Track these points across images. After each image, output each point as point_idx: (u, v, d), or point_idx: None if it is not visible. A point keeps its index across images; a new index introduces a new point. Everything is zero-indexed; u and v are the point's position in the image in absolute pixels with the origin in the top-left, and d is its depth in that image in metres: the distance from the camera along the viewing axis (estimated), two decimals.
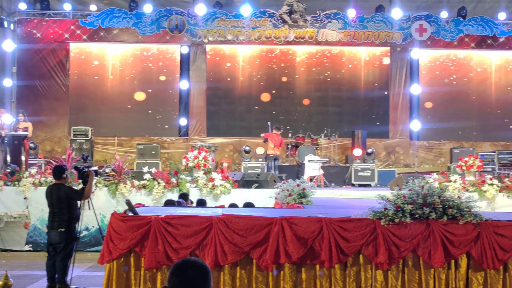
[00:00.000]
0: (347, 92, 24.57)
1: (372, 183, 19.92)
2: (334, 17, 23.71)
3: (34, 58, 23.59)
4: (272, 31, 23.61)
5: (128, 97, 24.22)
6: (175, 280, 3.77)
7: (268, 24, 23.63)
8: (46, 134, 23.38)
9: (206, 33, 23.59)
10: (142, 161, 19.34)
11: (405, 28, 23.86)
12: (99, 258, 8.09)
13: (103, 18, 23.37)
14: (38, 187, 15.14)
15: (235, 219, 8.06)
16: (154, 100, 24.28)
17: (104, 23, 23.37)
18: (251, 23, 23.60)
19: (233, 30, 23.61)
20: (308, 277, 8.01)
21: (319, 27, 23.70)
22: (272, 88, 24.47)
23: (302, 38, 23.75)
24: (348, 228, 8.04)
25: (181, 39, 23.77)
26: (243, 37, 23.66)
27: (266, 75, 24.49)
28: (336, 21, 23.70)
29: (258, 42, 23.84)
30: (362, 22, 23.79)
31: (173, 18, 23.48)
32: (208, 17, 23.55)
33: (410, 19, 23.87)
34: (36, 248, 15.28)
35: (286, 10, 23.37)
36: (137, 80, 24.26)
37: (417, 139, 24.48)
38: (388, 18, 23.84)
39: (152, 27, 23.46)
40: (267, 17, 23.61)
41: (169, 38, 23.68)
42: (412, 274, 8.09)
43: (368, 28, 23.79)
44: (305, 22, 23.49)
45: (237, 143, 22.71)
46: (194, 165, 15.82)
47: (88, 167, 10.64)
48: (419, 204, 8.00)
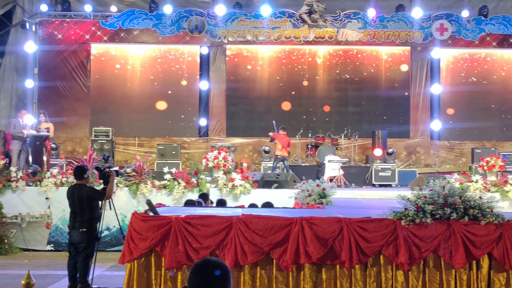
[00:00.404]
0: (367, 91, 24.47)
1: (392, 183, 19.84)
2: (354, 16, 23.63)
3: (56, 59, 23.76)
4: (292, 31, 23.59)
5: (149, 97, 24.31)
6: (195, 280, 3.78)
7: (287, 24, 23.61)
8: (68, 135, 23.54)
9: (226, 33, 23.62)
10: (163, 161, 19.40)
11: (425, 27, 23.73)
12: (120, 258, 8.13)
13: (123, 19, 23.49)
14: (59, 187, 15.27)
15: (255, 219, 8.07)
16: (174, 101, 24.36)
17: (124, 24, 23.49)
18: (271, 23, 23.59)
19: (253, 30, 23.63)
20: (328, 278, 8.00)
21: (339, 27, 23.63)
22: (292, 88, 24.44)
23: (321, 38, 23.70)
24: (369, 229, 8.01)
25: (201, 40, 23.83)
26: (262, 38, 23.66)
27: (285, 75, 24.46)
28: (356, 21, 23.62)
29: (278, 42, 23.83)
30: (382, 21, 23.69)
31: (193, 19, 23.54)
32: (228, 18, 23.58)
33: (431, 18, 23.73)
34: (58, 248, 15.41)
35: (306, 10, 23.34)
36: (157, 80, 24.35)
37: (438, 139, 24.33)
38: (408, 17, 23.72)
39: (172, 28, 23.53)
40: (286, 17, 23.60)
41: (189, 38, 23.74)
42: (433, 275, 8.04)
43: (388, 28, 23.68)
44: (324, 22, 23.44)
45: (256, 143, 22.71)
46: (214, 165, 15.86)
47: (109, 168, 10.69)
48: (440, 205, 7.95)
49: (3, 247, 14.77)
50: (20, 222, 15.27)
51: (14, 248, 15.05)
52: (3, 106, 24.31)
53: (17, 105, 23.69)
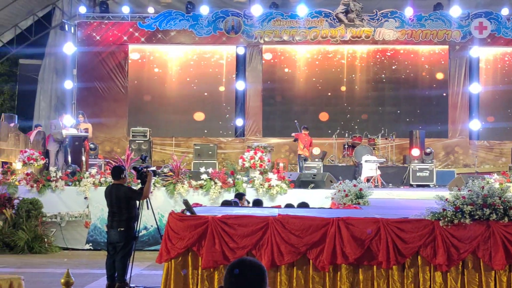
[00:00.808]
0: (405, 91, 24.28)
1: (430, 183, 19.65)
2: (391, 16, 23.47)
3: (94, 60, 24.05)
4: (328, 31, 23.52)
5: (185, 98, 24.44)
6: (231, 280, 3.79)
7: (324, 23, 23.54)
8: (106, 135, 23.80)
9: (262, 33, 23.65)
10: (199, 162, 19.47)
11: (464, 26, 23.45)
12: (157, 257, 8.19)
13: (160, 20, 23.68)
14: (98, 187, 15.45)
15: (292, 220, 8.06)
16: (211, 101, 24.46)
17: (161, 25, 23.67)
18: (307, 23, 23.55)
19: (289, 30, 23.61)
20: (365, 278, 7.95)
21: (375, 26, 23.49)
22: (328, 87, 24.36)
23: (358, 38, 23.59)
24: (406, 229, 7.95)
25: (237, 40, 23.89)
26: (299, 37, 23.63)
27: (321, 75, 24.39)
28: (393, 20, 23.46)
29: (314, 42, 23.78)
30: (420, 20, 23.48)
31: (229, 19, 23.62)
32: (264, 18, 23.60)
33: (470, 16, 23.44)
34: (96, 247, 15.59)
35: (343, 10, 23.25)
36: (193, 81, 24.48)
37: (477, 138, 24.02)
38: (446, 16, 23.46)
39: (208, 28, 23.64)
40: (323, 16, 23.53)
41: (225, 39, 23.83)
42: (472, 276, 7.94)
43: (426, 27, 23.46)
44: (361, 21, 23.32)
45: (292, 143, 22.66)
46: (250, 165, 15.88)
47: (147, 168, 10.78)
48: (479, 205, 7.85)
49: (43, 246, 14.99)
50: (59, 221, 15.50)
51: (54, 247, 15.26)
52: (42, 107, 24.72)
53: (57, 106, 24.08)
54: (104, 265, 10.48)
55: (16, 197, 15.31)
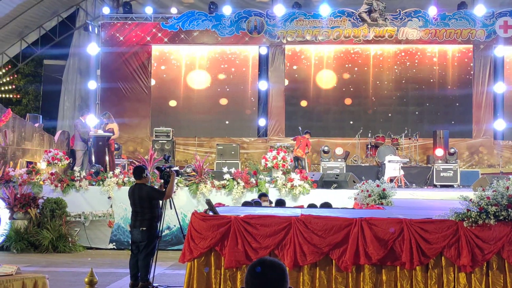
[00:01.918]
0: (428, 91, 24.12)
1: (454, 184, 19.52)
2: (414, 15, 23.34)
3: (117, 61, 24.20)
4: (351, 30, 23.45)
5: (208, 98, 24.51)
6: (252, 280, 3.79)
7: (347, 23, 23.47)
8: (129, 135, 23.93)
9: (285, 33, 23.64)
10: (222, 161, 19.53)
11: (488, 25, 23.24)
12: (180, 257, 8.21)
13: (183, 20, 23.76)
14: (121, 186, 15.53)
15: (314, 220, 8.04)
16: (234, 101, 24.50)
17: (184, 25, 23.76)
18: (330, 23, 23.50)
19: (312, 30, 23.58)
20: (388, 279, 7.91)
21: (399, 25, 23.38)
22: (351, 87, 24.29)
23: (381, 37, 23.48)
24: (430, 230, 7.89)
25: (260, 40, 23.91)
26: (321, 37, 23.58)
27: (344, 75, 24.32)
28: (417, 19, 23.32)
29: (337, 42, 23.72)
30: (443, 19, 23.32)
31: (252, 19, 23.64)
32: (287, 18, 23.59)
33: (494, 15, 23.23)
34: (120, 246, 15.68)
35: (365, 9, 23.17)
36: (216, 81, 24.54)
37: (501, 138, 23.80)
38: (470, 15, 23.28)
39: (231, 28, 23.68)
40: (346, 16, 23.46)
41: (248, 39, 23.85)
42: (497, 278, 7.87)
43: (450, 26, 23.30)
44: (384, 20, 23.22)
45: (315, 143, 22.62)
46: (273, 165, 15.86)
47: (170, 167, 10.82)
48: (504, 206, 7.78)
49: (67, 245, 15.10)
50: (83, 221, 15.60)
51: (78, 246, 15.37)
52: (67, 107, 24.93)
53: (81, 106, 24.25)
54: (128, 265, 10.55)
55: (41, 197, 15.44)
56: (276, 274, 3.78)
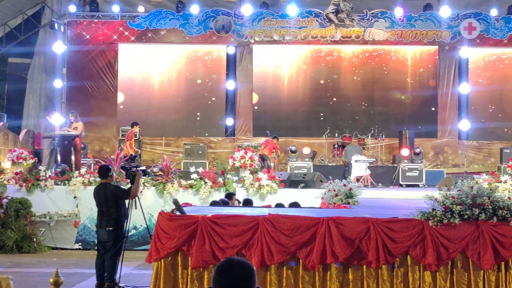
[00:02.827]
0: (394, 91, 24.34)
1: (420, 183, 19.70)
2: (381, 16, 23.53)
3: (84, 59, 23.98)
4: (319, 31, 23.55)
5: (175, 97, 24.43)
6: (220, 279, 3.78)
7: (314, 23, 23.56)
8: (95, 134, 23.73)
9: (253, 33, 23.65)
10: (189, 161, 19.48)
11: (453, 26, 23.53)
12: (147, 257, 8.18)
13: (150, 19, 23.63)
14: (87, 186, 15.40)
15: (282, 219, 8.06)
16: (201, 101, 24.44)
17: (151, 24, 23.63)
18: (298, 23, 23.57)
19: (280, 30, 23.62)
20: (355, 278, 7.96)
21: (365, 26, 23.54)
22: (318, 88, 24.41)
23: (348, 38, 23.62)
24: (396, 229, 7.96)
25: (227, 40, 23.88)
26: (289, 37, 23.64)
27: (312, 75, 24.44)
28: (383, 20, 23.51)
29: (305, 42, 23.79)
30: (409, 20, 23.54)
31: (219, 18, 23.60)
32: (255, 18, 23.60)
33: (459, 17, 23.52)
34: (86, 246, 15.55)
35: (333, 10, 23.28)
36: (184, 80, 24.46)
37: (466, 139, 24.11)
38: (436, 16, 23.54)
39: (199, 27, 23.62)
40: (313, 16, 23.55)
41: (216, 38, 23.81)
42: (461, 276, 7.97)
43: (416, 27, 23.53)
44: (351, 21, 23.36)
45: (283, 143, 22.66)
46: (240, 165, 15.87)
47: (136, 167, 10.77)
48: (468, 205, 7.88)
49: (32, 245, 14.93)
50: (48, 221, 15.44)
51: (43, 247, 15.21)
52: (32, 106, 24.63)
53: (46, 105, 24.00)
54: (94, 265, 10.48)
55: (5, 197, 15.24)
56: (244, 274, 3.78)
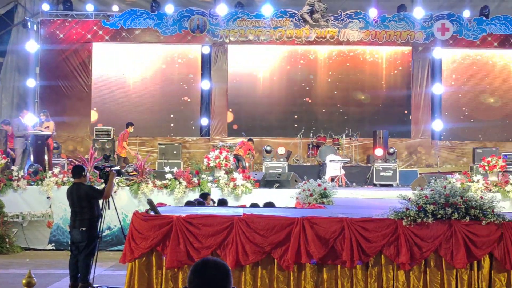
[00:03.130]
0: (368, 91, 24.47)
1: (393, 183, 19.84)
2: (355, 16, 23.63)
3: (57, 58, 23.76)
4: (294, 31, 23.59)
5: (150, 97, 24.31)
6: (195, 280, 3.77)
7: (289, 24, 23.60)
8: (69, 134, 23.54)
9: (228, 33, 23.62)
10: (164, 161, 19.40)
11: (427, 27, 23.71)
12: (121, 257, 8.15)
13: (125, 18, 23.49)
14: (61, 186, 15.28)
15: (256, 219, 8.07)
16: (176, 100, 24.36)
17: (126, 23, 23.49)
18: (272, 23, 23.59)
19: (254, 30, 23.62)
20: (329, 277, 8.00)
21: (340, 26, 23.63)
22: (293, 88, 24.44)
23: (323, 38, 23.70)
24: (370, 228, 8.02)
25: (202, 39, 23.83)
26: (264, 37, 23.66)
27: (286, 75, 24.48)
28: (358, 21, 23.61)
29: (280, 42, 23.82)
30: (383, 21, 23.68)
31: (194, 18, 23.53)
32: (230, 17, 23.58)
33: (432, 18, 23.71)
34: (59, 247, 15.43)
35: (307, 10, 23.34)
36: (158, 80, 24.36)
37: (439, 139, 24.31)
38: (410, 17, 23.71)
39: (173, 27, 23.53)
40: (288, 17, 23.59)
41: (191, 38, 23.74)
42: (434, 275, 8.05)
43: (390, 28, 23.67)
44: (326, 21, 23.44)
45: (258, 143, 22.68)
46: (215, 165, 15.85)
47: (110, 167, 10.71)
48: (441, 205, 7.95)
49: (5, 246, 14.78)
50: (21, 221, 15.29)
51: (16, 247, 15.06)
52: (4, 106, 24.35)
53: (19, 104, 23.74)
54: (67, 265, 10.40)
55: None
56: (220, 274, 3.77)
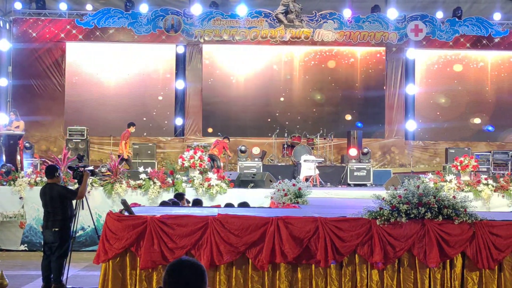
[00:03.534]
0: (343, 92, 24.60)
1: (367, 183, 19.94)
2: (330, 17, 23.74)
3: (30, 57, 23.56)
4: (268, 31, 23.63)
5: (124, 96, 24.19)
6: (170, 280, 3.77)
7: (264, 24, 23.64)
8: (42, 134, 23.34)
9: (202, 33, 23.59)
10: (138, 161, 19.33)
11: (400, 28, 23.90)
12: (94, 258, 8.09)
13: (99, 17, 23.35)
14: (33, 186, 15.13)
15: (231, 219, 8.06)
16: (150, 100, 24.27)
17: (100, 22, 23.35)
18: (247, 23, 23.61)
19: (229, 30, 23.62)
20: (304, 277, 8.01)
21: (315, 27, 23.72)
22: (267, 88, 24.49)
23: (298, 38, 23.77)
24: (344, 228, 8.04)
25: (177, 39, 23.77)
26: (239, 37, 23.67)
27: (261, 75, 24.51)
28: (332, 21, 23.72)
29: (254, 42, 23.84)
30: (357, 22, 23.81)
31: (169, 18, 23.47)
32: (204, 17, 23.55)
33: (406, 19, 23.90)
34: (32, 247, 15.28)
35: (282, 10, 23.40)
36: (132, 79, 24.25)
37: (412, 139, 24.51)
38: (383, 18, 23.87)
39: (148, 26, 23.45)
40: (263, 17, 23.63)
41: (165, 38, 23.67)
42: (408, 274, 8.10)
43: (364, 28, 23.82)
44: (301, 22, 23.52)
45: (232, 143, 22.68)
46: (190, 165, 15.80)
47: (84, 167, 10.63)
48: (415, 204, 8.01)
49: None
50: None
51: None
52: None
53: None
54: (40, 266, 10.30)
55: None
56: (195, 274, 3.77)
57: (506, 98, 24.70)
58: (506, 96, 24.74)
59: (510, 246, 8.11)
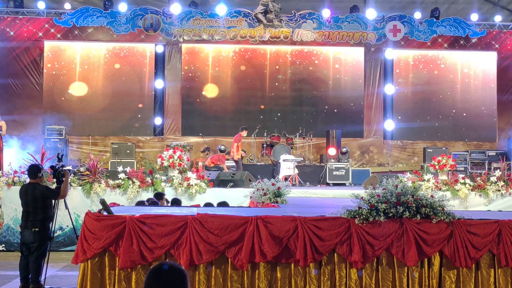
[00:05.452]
0: (322, 91, 24.68)
1: (346, 182, 20.01)
2: (309, 17, 23.80)
3: (7, 56, 23.36)
4: (247, 31, 23.64)
5: (103, 96, 24.07)
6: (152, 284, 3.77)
7: (243, 23, 23.64)
8: (20, 133, 23.13)
9: (182, 32, 23.54)
10: (117, 161, 19.27)
11: (379, 28, 24.02)
12: (73, 258, 8.05)
13: (77, 16, 23.21)
14: (11, 186, 15.02)
15: (210, 219, 8.07)
16: (129, 99, 24.16)
17: (78, 21, 23.21)
18: (226, 23, 23.60)
19: (208, 29, 23.60)
20: (283, 276, 8.04)
21: (294, 27, 23.77)
22: (247, 87, 24.49)
23: (277, 38, 23.81)
24: (323, 227, 8.08)
25: (156, 38, 23.70)
26: (218, 37, 23.65)
27: (240, 75, 24.50)
28: (311, 21, 23.79)
29: (234, 42, 23.85)
30: (336, 22, 23.90)
31: (148, 17, 23.40)
32: (183, 16, 23.50)
33: (384, 19, 24.03)
34: (10, 248, 15.17)
35: (261, 10, 23.42)
36: (111, 79, 24.12)
37: (391, 138, 24.65)
38: (362, 18, 23.98)
39: (127, 26, 23.35)
40: (242, 16, 23.63)
41: (144, 37, 23.59)
42: (386, 273, 8.15)
43: (343, 28, 23.91)
44: (280, 22, 23.56)
45: (212, 142, 22.68)
46: (169, 165, 15.78)
47: (63, 166, 10.58)
48: (393, 203, 8.06)
49: None
50: None
51: None
52: None
53: None
54: (18, 267, 10.22)
55: None
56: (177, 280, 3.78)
57: (482, 98, 24.93)
58: (480, 95, 24.97)
59: (487, 244, 8.20)
